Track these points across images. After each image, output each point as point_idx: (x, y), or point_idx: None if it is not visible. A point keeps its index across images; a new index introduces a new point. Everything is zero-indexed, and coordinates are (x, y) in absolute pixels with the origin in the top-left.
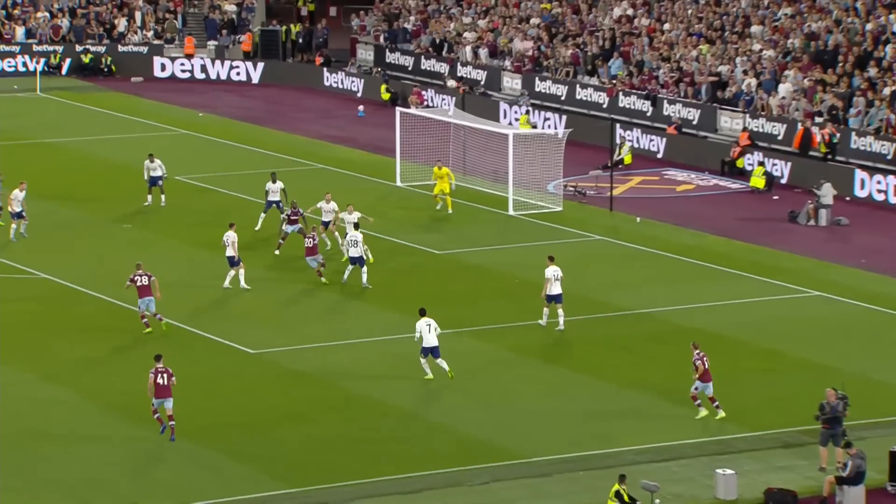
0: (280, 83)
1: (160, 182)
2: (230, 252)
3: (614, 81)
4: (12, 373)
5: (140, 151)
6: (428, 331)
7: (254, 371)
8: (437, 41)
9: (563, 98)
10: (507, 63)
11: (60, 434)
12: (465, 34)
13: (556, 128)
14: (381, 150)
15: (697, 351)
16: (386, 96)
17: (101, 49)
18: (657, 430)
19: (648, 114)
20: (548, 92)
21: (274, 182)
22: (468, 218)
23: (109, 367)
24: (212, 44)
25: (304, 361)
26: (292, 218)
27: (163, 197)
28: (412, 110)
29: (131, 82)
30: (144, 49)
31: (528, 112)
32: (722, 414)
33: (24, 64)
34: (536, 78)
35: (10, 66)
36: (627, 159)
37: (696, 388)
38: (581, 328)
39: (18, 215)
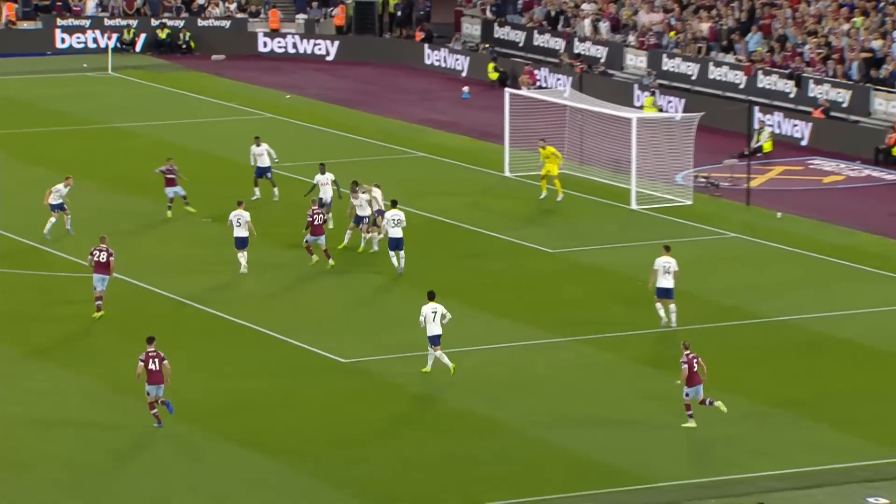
0: (376, 61)
1: (269, 174)
2: (242, 232)
3: (753, 59)
4: (88, 383)
5: (220, 137)
6: (433, 318)
7: (344, 383)
8: (552, 14)
9: (694, 78)
10: (631, 38)
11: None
12: (584, 6)
13: (683, 112)
14: (487, 137)
15: (687, 352)
16: (494, 76)
17: (179, 23)
18: (799, 453)
19: (791, 95)
20: (677, 71)
21: (323, 174)
22: (585, 212)
23: (195, 375)
24: (301, 17)
25: (398, 373)
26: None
27: (275, 190)
28: (523, 91)
29: (211, 60)
30: (227, 23)
31: (653, 94)
32: (723, 407)
33: (95, 40)
34: (664, 55)
35: (79, 43)
36: (767, 147)
37: (686, 395)
38: (712, 337)
39: (59, 207)
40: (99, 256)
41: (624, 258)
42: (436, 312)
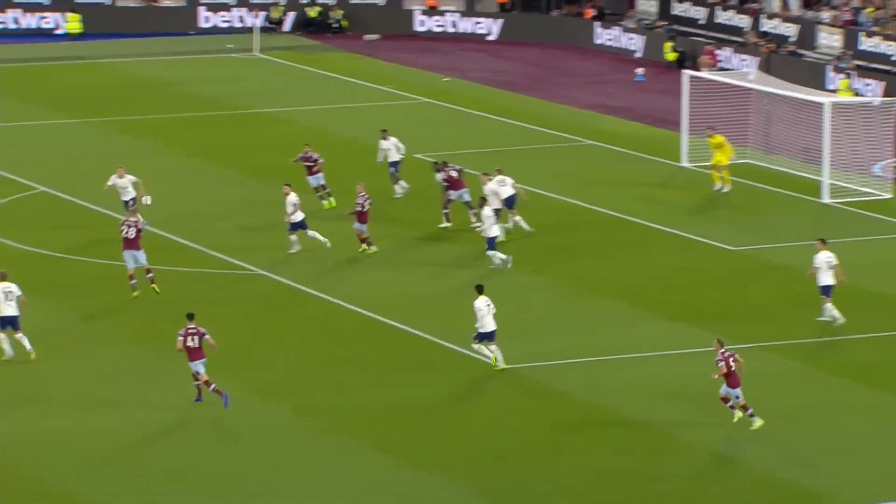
0: (541, 41)
1: (395, 168)
2: (299, 216)
3: None
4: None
5: (374, 124)
6: (487, 311)
7: (507, 390)
8: None
9: (895, 58)
10: (825, 15)
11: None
12: None
13: (882, 96)
14: (663, 123)
15: (722, 350)
16: (671, 56)
17: (331, 1)
18: None
19: None
20: (875, 50)
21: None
22: (771, 206)
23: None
24: None
25: (565, 380)
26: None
27: (399, 184)
28: (703, 73)
29: (364, 40)
30: (381, 1)
31: (849, 76)
32: (758, 423)
33: (241, 19)
34: (861, 33)
35: (224, 22)
36: None
37: (735, 397)
38: None
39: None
40: (128, 233)
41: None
42: (489, 305)
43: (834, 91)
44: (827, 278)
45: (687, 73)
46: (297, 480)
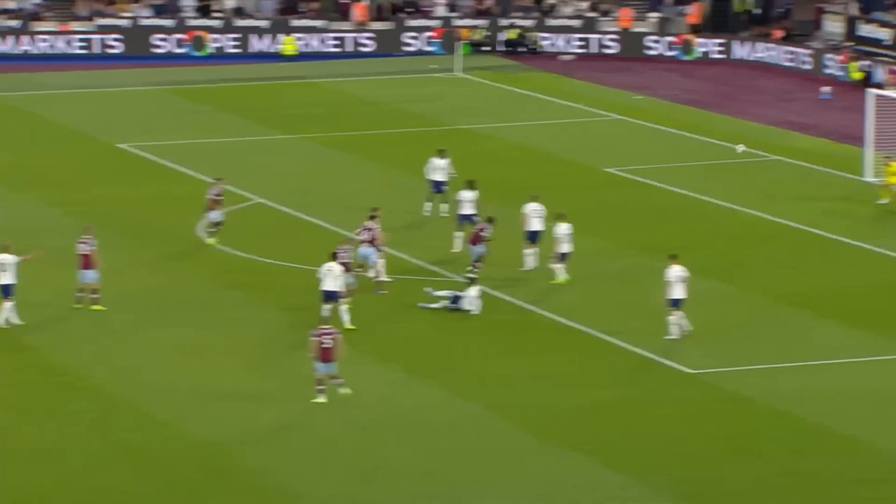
0: (731, 61)
1: (444, 187)
2: (568, 247)
3: None
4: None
5: (567, 139)
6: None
7: (693, 394)
8: None
9: None
10: None
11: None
12: None
13: None
14: (848, 140)
15: (322, 329)
16: (858, 76)
17: (529, 23)
18: None
19: None
20: None
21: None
22: None
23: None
24: (653, 15)
25: (751, 385)
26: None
27: (443, 206)
28: (888, 92)
29: (560, 60)
30: (577, 23)
31: None
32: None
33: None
34: None
35: (428, 44)
36: None
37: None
38: None
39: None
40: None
41: None
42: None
43: None
44: (678, 292)
45: (872, 91)
46: (488, 479)
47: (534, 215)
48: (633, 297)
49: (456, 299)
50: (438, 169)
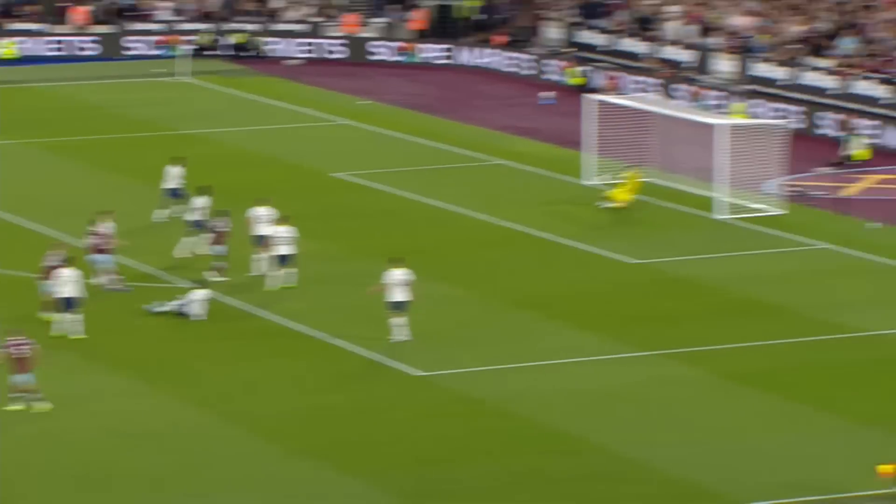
0: (454, 66)
1: (179, 193)
2: (288, 250)
3: (847, 63)
4: None
5: (294, 144)
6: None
7: (423, 397)
8: (637, 17)
9: (785, 83)
10: (720, 42)
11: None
12: (670, 9)
13: (776, 117)
14: (568, 144)
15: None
16: (576, 81)
17: (255, 27)
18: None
19: (888, 101)
20: (767, 76)
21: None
22: (671, 222)
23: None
24: (378, 21)
25: (479, 387)
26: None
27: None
28: (606, 97)
29: (287, 65)
30: (303, 27)
31: (742, 100)
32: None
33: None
34: (753, 59)
35: (152, 48)
36: (863, 154)
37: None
38: (803, 351)
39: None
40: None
41: (711, 270)
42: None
43: (728, 114)
44: (400, 294)
45: (590, 96)
46: (217, 485)
47: (263, 219)
48: (361, 301)
49: (183, 304)
50: (173, 176)
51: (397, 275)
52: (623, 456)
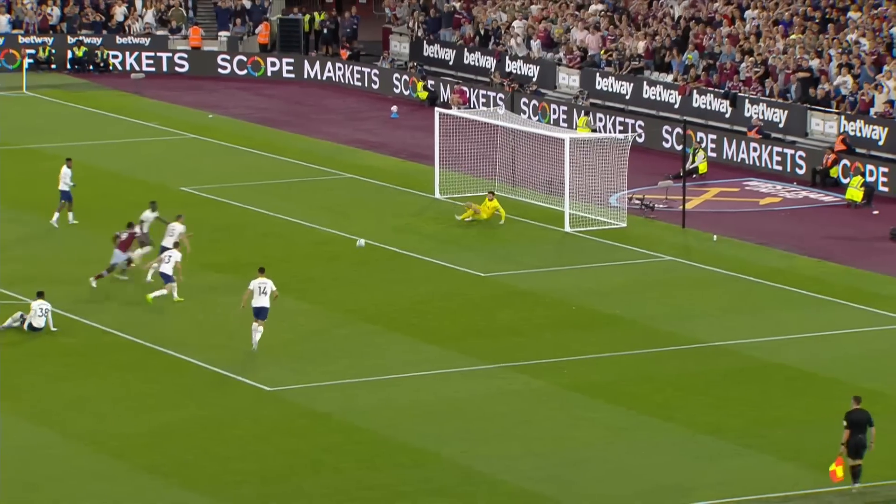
0: (302, 80)
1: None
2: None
3: (687, 78)
4: None
5: (140, 158)
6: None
7: (269, 412)
8: (483, 31)
9: (627, 97)
10: (563, 57)
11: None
12: (515, 23)
13: (619, 131)
14: (417, 157)
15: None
16: (423, 95)
17: (97, 41)
18: (735, 482)
19: (727, 115)
20: (610, 90)
21: (153, 211)
22: (517, 235)
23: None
24: (223, 35)
25: (326, 401)
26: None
27: (70, 215)
28: (453, 111)
29: (131, 79)
30: (146, 41)
31: (587, 114)
32: None
33: (10, 58)
34: (597, 74)
35: None
36: (702, 168)
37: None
38: (647, 363)
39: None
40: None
41: (557, 282)
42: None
43: (573, 127)
44: (261, 301)
45: (438, 110)
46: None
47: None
48: (208, 316)
49: (24, 318)
50: (65, 179)
51: (259, 282)
52: (471, 469)
